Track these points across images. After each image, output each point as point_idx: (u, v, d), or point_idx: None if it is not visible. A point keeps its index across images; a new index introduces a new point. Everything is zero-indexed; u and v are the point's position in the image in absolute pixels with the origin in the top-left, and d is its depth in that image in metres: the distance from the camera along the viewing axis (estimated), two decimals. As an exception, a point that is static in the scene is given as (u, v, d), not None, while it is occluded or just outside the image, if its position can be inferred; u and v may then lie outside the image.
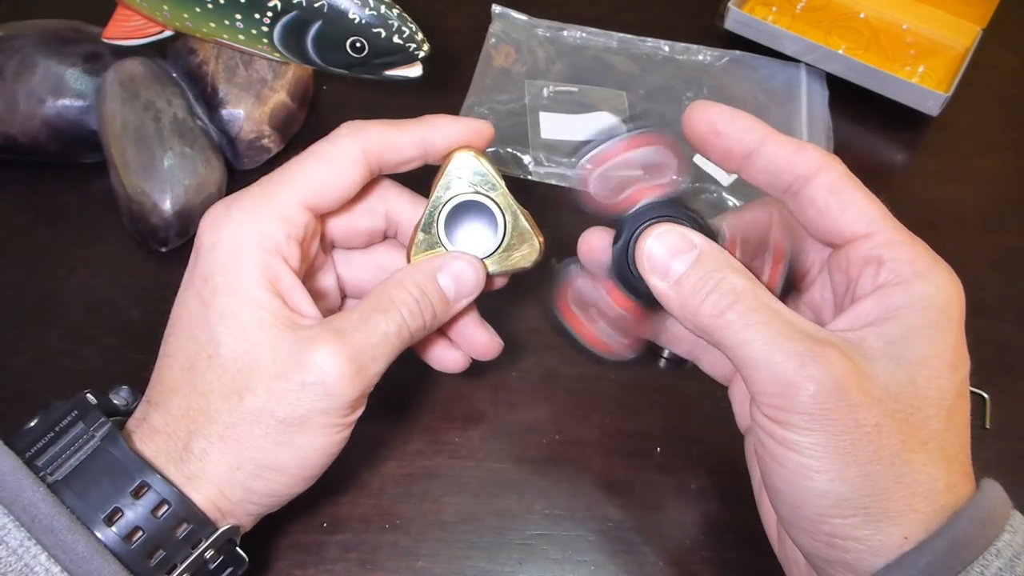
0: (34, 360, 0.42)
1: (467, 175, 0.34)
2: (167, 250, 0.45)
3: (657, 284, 0.30)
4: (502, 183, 0.34)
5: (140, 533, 0.28)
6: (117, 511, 0.28)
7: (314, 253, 0.35)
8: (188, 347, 0.31)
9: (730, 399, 0.36)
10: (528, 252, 0.35)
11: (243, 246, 0.31)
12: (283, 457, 0.30)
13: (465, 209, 0.34)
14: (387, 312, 0.32)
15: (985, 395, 0.42)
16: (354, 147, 0.33)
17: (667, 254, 0.30)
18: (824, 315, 0.33)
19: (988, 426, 0.42)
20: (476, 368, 0.42)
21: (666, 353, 0.43)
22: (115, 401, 0.33)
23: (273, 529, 0.37)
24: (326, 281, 0.37)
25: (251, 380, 0.30)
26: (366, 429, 0.40)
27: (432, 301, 0.33)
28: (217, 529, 0.30)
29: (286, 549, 0.36)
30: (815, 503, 0.27)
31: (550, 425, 0.41)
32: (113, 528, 0.28)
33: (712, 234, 0.31)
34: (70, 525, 0.27)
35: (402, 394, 0.42)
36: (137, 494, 0.29)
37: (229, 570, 0.31)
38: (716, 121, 0.30)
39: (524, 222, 0.35)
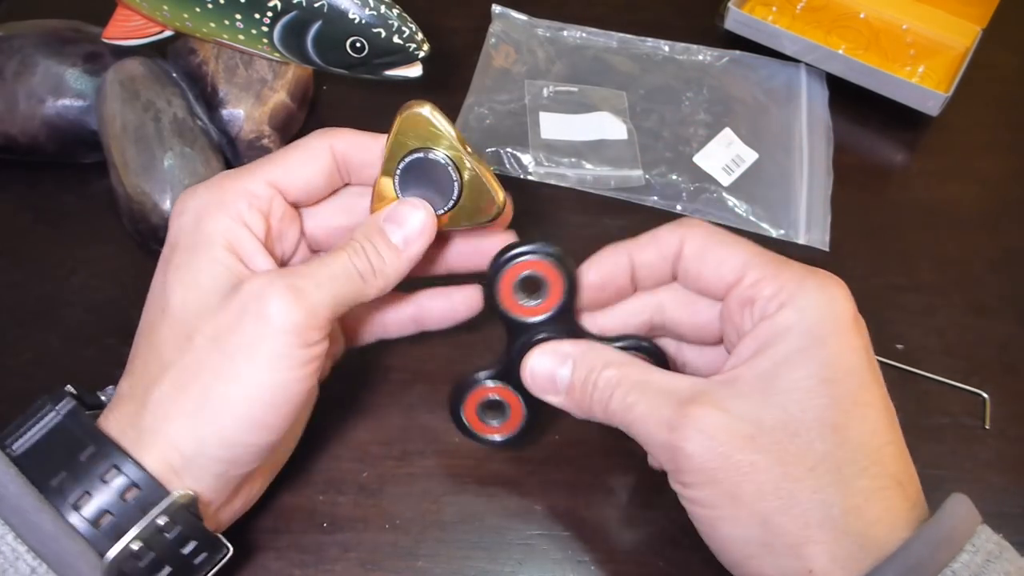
0: (34, 360, 0.42)
1: (423, 131, 0.33)
2: (167, 250, 0.45)
3: (552, 400, 0.33)
4: (455, 137, 0.34)
5: (90, 500, 0.28)
6: (68, 480, 0.28)
7: (288, 238, 0.35)
8: (149, 309, 0.32)
9: None
10: (487, 206, 0.35)
11: (206, 210, 0.32)
12: (232, 394, 0.29)
13: (420, 166, 0.34)
14: (335, 256, 0.32)
15: (985, 395, 0.42)
16: (322, 140, 0.35)
17: (547, 374, 0.33)
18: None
19: (988, 426, 0.42)
20: (476, 368, 0.42)
21: None
22: (102, 397, 0.33)
23: (273, 529, 0.37)
24: (290, 242, 0.37)
25: (200, 323, 0.30)
26: (366, 429, 0.40)
27: (380, 252, 0.33)
28: (168, 493, 0.29)
29: (286, 549, 0.36)
30: (730, 548, 0.29)
31: (550, 425, 0.41)
32: (70, 501, 0.28)
33: (572, 275, 0.34)
34: (37, 505, 0.27)
35: (402, 394, 0.42)
36: (92, 464, 0.29)
37: (204, 555, 0.30)
38: (588, 288, 0.34)
39: (482, 177, 0.34)
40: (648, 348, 0.34)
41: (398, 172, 0.34)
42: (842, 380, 0.28)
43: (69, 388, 0.31)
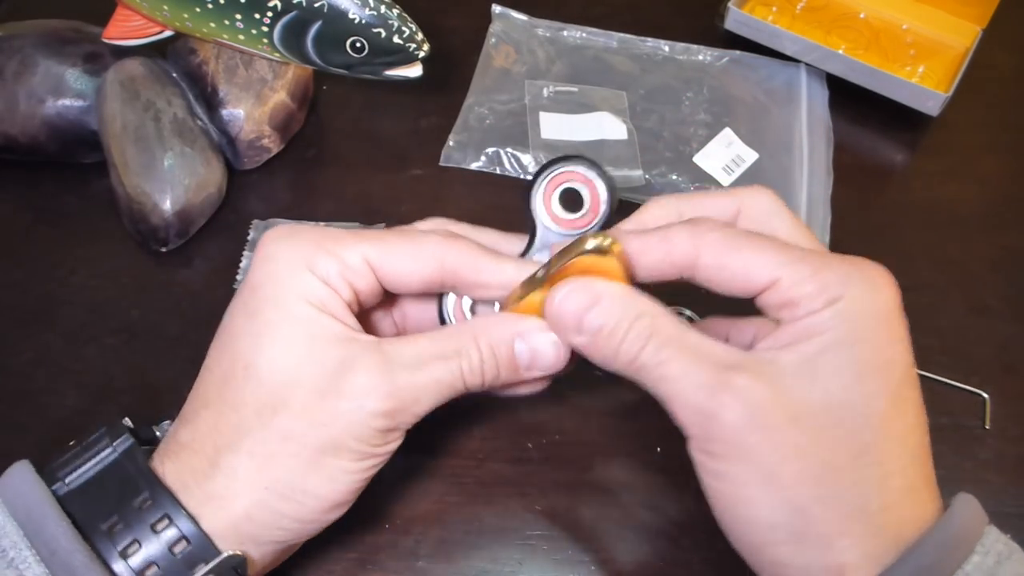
0: (34, 360, 0.42)
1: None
2: (167, 250, 0.45)
3: (575, 341, 0.30)
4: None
5: (139, 550, 0.28)
6: (119, 525, 0.28)
7: (387, 321, 0.34)
8: (226, 358, 0.30)
9: None
10: None
11: (296, 264, 0.30)
12: (314, 480, 0.29)
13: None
14: (447, 360, 0.30)
15: (985, 395, 0.42)
16: (437, 247, 0.31)
17: (576, 311, 0.29)
18: None
19: (988, 426, 0.42)
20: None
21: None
22: (157, 433, 0.32)
23: (273, 529, 0.37)
24: (382, 320, 0.35)
25: (288, 396, 0.29)
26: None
27: (499, 364, 0.31)
28: (219, 552, 0.28)
29: (286, 549, 0.36)
30: (752, 531, 0.27)
31: (550, 425, 0.41)
32: (118, 549, 0.27)
33: (614, 190, 0.33)
34: (87, 563, 0.26)
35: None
36: (145, 512, 0.28)
37: None
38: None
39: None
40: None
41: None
42: (886, 372, 0.27)
43: (127, 422, 0.31)
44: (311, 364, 0.29)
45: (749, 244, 0.29)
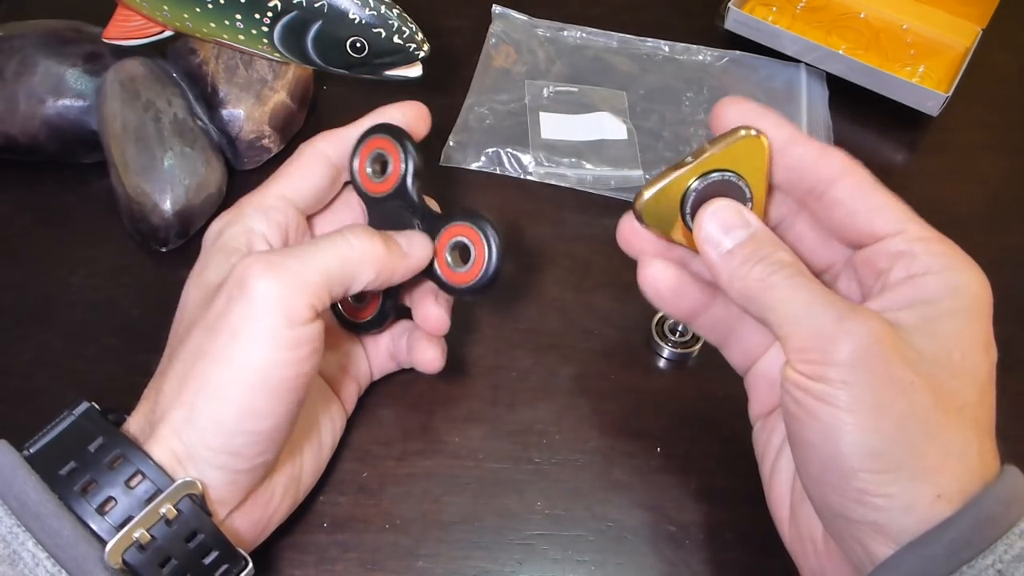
0: (34, 360, 0.42)
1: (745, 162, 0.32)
2: (167, 250, 0.45)
3: (709, 253, 0.31)
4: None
5: (97, 488, 0.29)
6: (77, 469, 0.29)
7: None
8: (175, 320, 0.34)
9: (746, 387, 0.36)
10: None
11: (227, 225, 0.35)
12: (223, 377, 0.29)
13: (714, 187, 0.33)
14: (330, 234, 0.33)
15: (985, 395, 0.42)
16: (311, 147, 0.37)
17: (722, 228, 0.30)
18: None
19: (988, 426, 0.42)
20: (476, 368, 0.42)
21: (666, 353, 0.43)
22: (126, 417, 0.32)
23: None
24: None
25: (199, 313, 0.31)
26: (366, 429, 0.40)
27: (384, 237, 0.34)
28: (172, 481, 0.28)
29: (286, 549, 0.36)
30: (849, 456, 0.27)
31: (550, 425, 0.41)
32: (76, 489, 0.28)
33: (412, 153, 0.36)
34: (57, 511, 0.27)
35: (402, 394, 0.42)
36: (100, 453, 0.29)
37: (215, 554, 0.29)
38: (747, 117, 0.31)
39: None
40: None
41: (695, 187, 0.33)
42: (991, 353, 0.29)
43: (94, 405, 0.31)
44: (218, 280, 0.32)
45: (886, 190, 0.31)
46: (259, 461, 0.31)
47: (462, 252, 0.36)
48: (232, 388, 0.29)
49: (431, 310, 0.37)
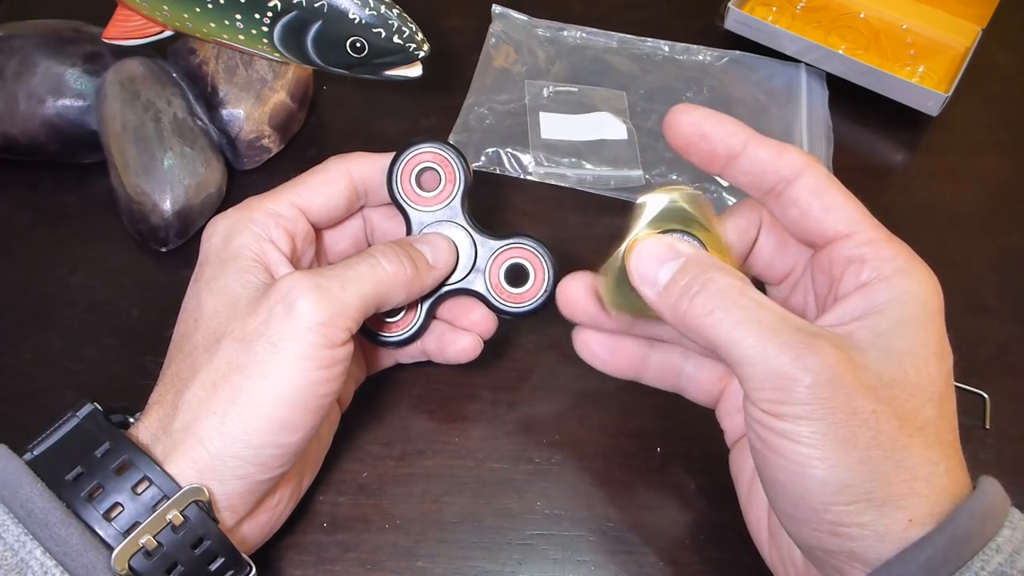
0: (34, 360, 0.42)
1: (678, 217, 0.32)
2: (167, 250, 0.45)
3: (647, 293, 0.31)
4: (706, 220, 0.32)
5: (104, 494, 0.29)
6: (83, 475, 0.29)
7: (307, 257, 0.37)
8: (181, 323, 0.33)
9: (718, 418, 0.37)
10: None
11: (234, 228, 0.34)
12: (260, 391, 0.30)
13: None
14: (359, 257, 0.33)
15: (985, 395, 0.42)
16: (340, 164, 0.37)
17: (654, 264, 0.31)
18: (807, 317, 0.33)
19: (988, 426, 0.42)
20: (476, 368, 0.42)
21: None
22: (131, 420, 0.32)
23: (273, 529, 0.37)
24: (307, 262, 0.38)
25: (228, 325, 0.31)
26: (366, 429, 0.40)
27: (414, 258, 0.34)
28: (180, 488, 0.29)
29: (286, 549, 0.36)
30: (818, 492, 0.27)
31: (550, 425, 0.41)
32: (83, 495, 0.28)
33: (466, 168, 0.36)
34: (64, 519, 0.27)
35: (402, 394, 0.42)
36: (106, 459, 0.29)
37: (220, 560, 0.29)
38: (701, 124, 0.31)
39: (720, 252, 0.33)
40: None
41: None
42: (945, 359, 0.29)
43: (96, 405, 0.31)
44: (247, 298, 0.32)
45: (842, 189, 0.30)
46: (279, 472, 0.31)
47: (518, 274, 0.37)
48: (268, 401, 0.30)
49: (478, 315, 0.38)
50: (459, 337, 0.38)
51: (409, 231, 0.37)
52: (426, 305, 0.37)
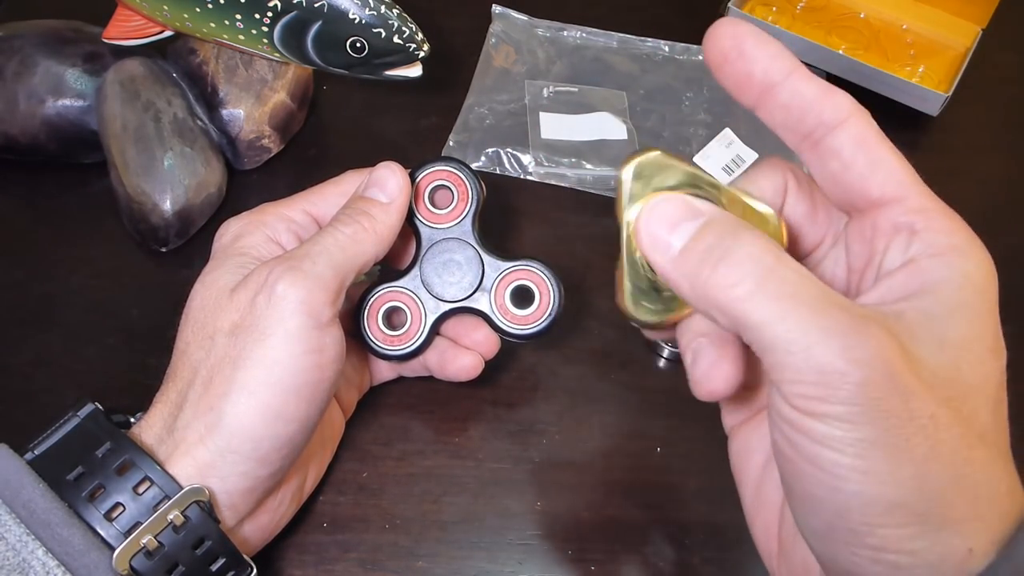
0: (34, 360, 0.42)
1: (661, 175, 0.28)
2: (167, 250, 0.45)
3: (658, 260, 0.25)
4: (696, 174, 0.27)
5: (105, 494, 0.29)
6: (84, 475, 0.29)
7: None
8: (181, 320, 0.33)
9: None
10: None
11: (245, 228, 0.34)
12: (251, 380, 0.30)
13: None
14: (322, 231, 0.33)
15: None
16: (355, 176, 0.36)
17: (665, 225, 0.25)
18: None
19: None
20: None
21: (666, 353, 0.43)
22: (132, 420, 0.33)
23: (273, 529, 0.37)
24: None
25: (216, 319, 0.31)
26: (366, 429, 0.40)
27: (367, 208, 0.34)
28: (180, 488, 0.29)
29: (286, 549, 0.36)
30: (861, 511, 0.22)
31: (550, 425, 0.41)
32: (84, 494, 0.28)
33: (478, 187, 0.37)
34: (66, 519, 0.27)
35: (402, 394, 0.42)
36: (107, 459, 0.29)
37: (221, 561, 0.29)
38: (743, 40, 0.26)
39: (743, 200, 0.27)
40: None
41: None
42: (1000, 356, 0.24)
43: (97, 405, 0.31)
44: (231, 283, 0.32)
45: (893, 149, 0.25)
46: (279, 467, 0.31)
47: (523, 295, 0.37)
48: (261, 389, 0.30)
49: (482, 335, 0.38)
50: (461, 355, 0.38)
51: (419, 246, 0.37)
52: (430, 321, 0.37)
